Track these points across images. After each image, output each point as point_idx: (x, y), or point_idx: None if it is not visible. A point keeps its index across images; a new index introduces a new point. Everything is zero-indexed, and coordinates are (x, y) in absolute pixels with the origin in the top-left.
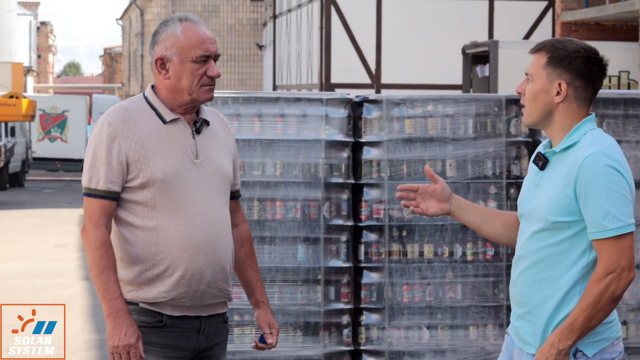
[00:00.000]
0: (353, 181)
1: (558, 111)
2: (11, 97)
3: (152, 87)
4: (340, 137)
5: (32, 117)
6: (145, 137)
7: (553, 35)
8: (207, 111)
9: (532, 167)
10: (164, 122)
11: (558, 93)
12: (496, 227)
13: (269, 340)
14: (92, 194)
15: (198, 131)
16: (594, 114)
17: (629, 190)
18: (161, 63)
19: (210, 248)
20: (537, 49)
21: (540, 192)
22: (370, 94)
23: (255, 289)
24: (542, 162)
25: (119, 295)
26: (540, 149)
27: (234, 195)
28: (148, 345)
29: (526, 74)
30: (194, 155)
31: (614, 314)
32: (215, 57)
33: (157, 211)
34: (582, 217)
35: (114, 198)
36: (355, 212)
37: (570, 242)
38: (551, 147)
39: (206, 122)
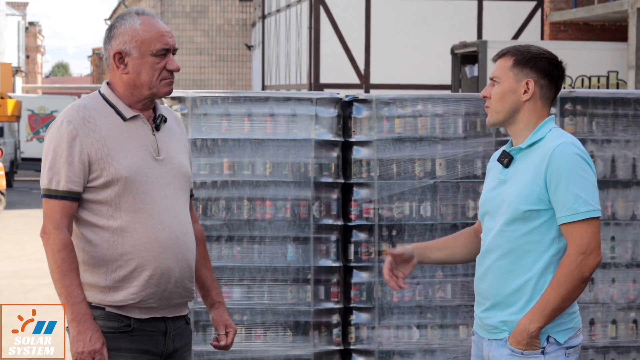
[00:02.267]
0: (343, 181)
1: (524, 109)
2: None
3: (108, 83)
4: (330, 137)
5: (18, 118)
6: (106, 135)
7: (542, 35)
8: (162, 108)
9: (495, 167)
10: (124, 119)
11: (525, 92)
12: (459, 250)
13: (222, 342)
14: (52, 195)
15: (157, 128)
16: (554, 115)
17: (596, 179)
18: (119, 57)
19: (177, 246)
20: (502, 54)
21: (506, 187)
22: (360, 93)
23: (211, 290)
24: (508, 160)
25: (83, 300)
26: (503, 148)
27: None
28: (116, 352)
29: (491, 79)
30: (155, 153)
31: (576, 306)
32: (174, 51)
33: (122, 210)
34: (551, 206)
35: (76, 199)
36: (345, 212)
37: (539, 232)
38: (513, 145)
39: (164, 119)
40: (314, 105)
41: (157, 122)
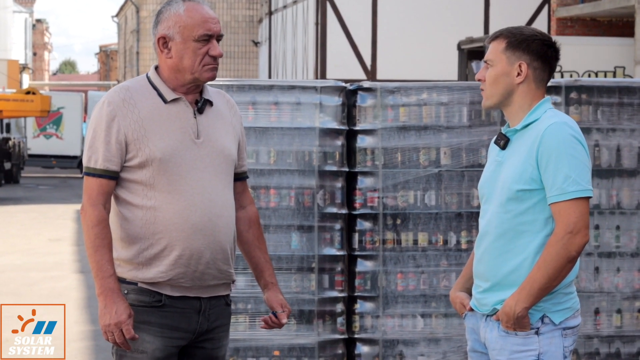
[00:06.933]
0: (347, 169)
1: (518, 92)
2: (28, 92)
3: (156, 67)
4: (335, 125)
5: (48, 113)
6: (145, 116)
7: (549, 31)
8: (212, 92)
9: (493, 149)
10: (165, 101)
11: (518, 74)
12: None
13: (283, 320)
14: (90, 172)
15: (200, 111)
16: (549, 96)
17: (588, 160)
18: (163, 42)
19: (209, 228)
20: (495, 37)
21: (503, 168)
22: (365, 82)
23: (264, 271)
24: (504, 142)
25: (112, 274)
26: (500, 130)
27: (241, 177)
28: (147, 325)
29: (485, 62)
30: (194, 135)
31: (573, 287)
32: (218, 37)
33: (156, 190)
34: (543, 186)
35: (112, 177)
36: (349, 200)
37: (532, 212)
38: (509, 127)
39: (209, 102)
40: (318, 93)
41: (199, 105)
